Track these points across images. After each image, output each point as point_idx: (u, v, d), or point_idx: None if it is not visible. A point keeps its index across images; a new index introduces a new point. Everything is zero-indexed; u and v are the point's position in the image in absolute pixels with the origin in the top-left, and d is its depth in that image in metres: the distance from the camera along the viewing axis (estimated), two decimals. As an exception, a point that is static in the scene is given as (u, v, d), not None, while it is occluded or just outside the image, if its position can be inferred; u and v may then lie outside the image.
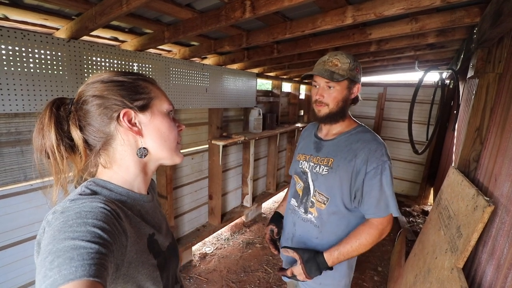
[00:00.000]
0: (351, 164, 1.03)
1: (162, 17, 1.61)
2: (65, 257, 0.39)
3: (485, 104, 1.59)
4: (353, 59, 1.05)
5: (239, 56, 2.43)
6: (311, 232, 1.14)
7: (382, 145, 1.04)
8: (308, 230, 1.15)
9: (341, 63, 1.02)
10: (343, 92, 1.05)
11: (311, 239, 1.14)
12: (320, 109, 1.09)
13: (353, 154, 1.03)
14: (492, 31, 1.23)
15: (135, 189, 0.63)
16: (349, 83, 1.05)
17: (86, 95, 0.57)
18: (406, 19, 1.61)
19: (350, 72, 1.03)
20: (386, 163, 1.00)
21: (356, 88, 1.08)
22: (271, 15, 1.56)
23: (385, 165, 1.00)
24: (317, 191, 1.11)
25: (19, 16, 1.43)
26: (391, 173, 1.01)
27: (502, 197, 1.11)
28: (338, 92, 1.05)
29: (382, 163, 1.00)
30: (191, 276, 2.52)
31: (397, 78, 4.78)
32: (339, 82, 1.03)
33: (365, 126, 1.14)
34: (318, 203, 1.11)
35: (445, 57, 2.80)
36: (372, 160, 1.00)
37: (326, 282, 1.13)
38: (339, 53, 1.06)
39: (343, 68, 1.02)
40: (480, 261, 1.20)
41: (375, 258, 2.92)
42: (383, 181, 0.99)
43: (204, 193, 3.04)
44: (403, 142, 4.48)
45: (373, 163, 1.00)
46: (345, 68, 1.02)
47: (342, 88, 1.05)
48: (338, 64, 1.03)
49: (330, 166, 1.07)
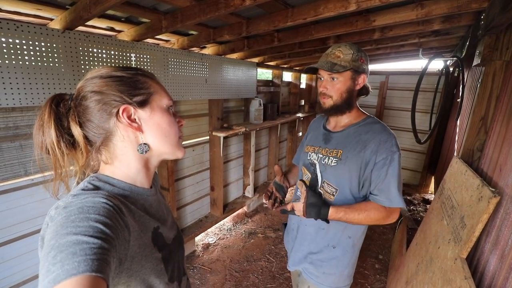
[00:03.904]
0: (360, 155, 1.03)
1: (159, 5, 1.55)
2: (68, 252, 0.39)
3: (491, 92, 1.56)
4: (357, 50, 1.04)
5: (239, 45, 2.38)
6: (319, 222, 1.13)
7: (392, 136, 1.04)
8: (313, 223, 1.15)
9: (344, 54, 1.02)
10: (346, 83, 1.05)
11: (317, 229, 1.15)
12: (325, 101, 1.09)
13: (363, 145, 1.03)
14: (502, 17, 1.19)
15: (137, 183, 0.63)
16: (352, 73, 1.04)
17: (85, 91, 0.57)
18: (412, 5, 1.56)
19: (353, 63, 1.02)
20: (396, 154, 1.00)
21: (361, 78, 1.06)
22: (272, 2, 1.51)
23: (394, 156, 1.00)
24: (326, 182, 1.11)
25: (11, 6, 1.38)
26: (399, 163, 1.01)
27: (507, 188, 1.10)
28: (341, 84, 1.04)
29: (391, 154, 1.00)
30: (195, 266, 2.56)
31: (399, 66, 4.71)
32: (341, 73, 1.03)
33: (374, 117, 1.13)
34: (327, 194, 1.11)
35: (450, 44, 2.74)
36: (382, 151, 1.00)
37: (329, 271, 1.14)
38: (343, 44, 1.05)
39: (345, 59, 1.02)
40: (483, 251, 1.20)
41: (376, 246, 2.96)
42: (389, 171, 0.99)
43: (206, 184, 3.04)
44: (404, 131, 4.46)
45: (383, 153, 1.00)
46: (348, 59, 1.02)
47: (345, 79, 1.04)
48: (341, 55, 1.03)
49: (339, 158, 1.07)
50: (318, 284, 1.16)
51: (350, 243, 1.13)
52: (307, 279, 1.18)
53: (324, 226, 1.13)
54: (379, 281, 2.43)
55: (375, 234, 3.19)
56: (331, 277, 1.15)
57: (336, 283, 1.16)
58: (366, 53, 1.08)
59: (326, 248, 1.14)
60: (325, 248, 1.14)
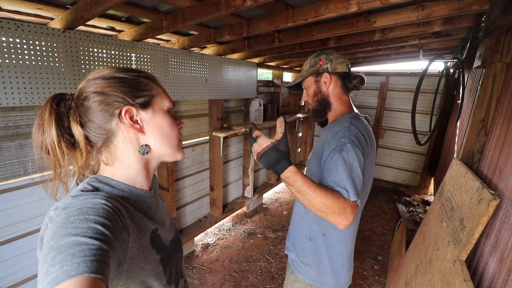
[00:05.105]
0: (321, 147, 1.05)
1: (160, 5, 1.55)
2: (67, 253, 0.39)
3: (491, 94, 1.56)
4: (316, 56, 1.12)
5: (240, 46, 2.38)
6: (300, 211, 1.19)
7: (346, 128, 0.97)
8: (299, 210, 1.20)
9: (305, 65, 1.16)
10: (312, 88, 1.14)
11: (299, 218, 1.20)
12: (309, 109, 1.21)
13: (326, 138, 1.04)
14: (503, 19, 1.19)
15: (137, 185, 0.63)
16: (314, 77, 1.12)
17: (87, 91, 0.57)
18: (413, 7, 1.56)
19: (311, 69, 1.12)
20: (345, 145, 0.91)
21: (324, 76, 1.09)
22: (273, 3, 1.51)
23: (343, 147, 0.91)
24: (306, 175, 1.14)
25: (12, 5, 1.38)
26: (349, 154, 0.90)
27: (507, 190, 1.10)
28: (309, 90, 1.15)
29: (340, 144, 0.92)
30: (194, 266, 2.56)
31: (399, 67, 4.70)
32: (305, 81, 1.16)
33: (351, 113, 1.09)
34: None
35: (450, 46, 2.74)
36: (332, 142, 0.95)
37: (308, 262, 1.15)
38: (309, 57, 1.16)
39: (305, 69, 1.14)
40: (483, 253, 1.20)
41: (375, 247, 2.96)
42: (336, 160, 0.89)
43: (206, 184, 3.04)
44: (404, 132, 4.46)
45: (333, 144, 0.94)
46: (306, 68, 1.14)
47: (309, 84, 1.15)
48: (304, 67, 1.16)
49: (313, 152, 1.15)
50: (297, 272, 1.18)
51: (324, 241, 1.09)
52: (291, 265, 1.23)
53: (304, 214, 1.15)
54: (378, 282, 2.43)
55: (375, 235, 3.20)
56: (308, 267, 1.14)
57: (313, 276, 1.12)
58: (331, 51, 1.11)
59: (305, 238, 1.15)
60: (304, 237, 1.16)
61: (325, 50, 1.14)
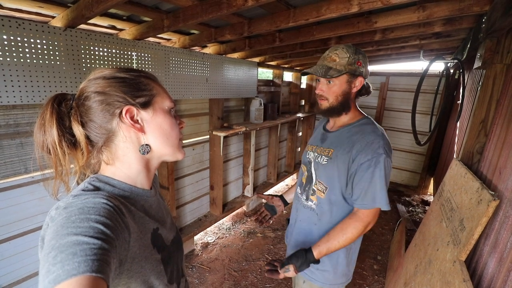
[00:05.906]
0: (348, 155, 1.03)
1: (161, 4, 1.55)
2: (68, 253, 0.39)
3: (491, 95, 1.56)
4: (354, 52, 1.03)
5: (240, 45, 2.38)
6: (311, 218, 1.17)
7: (380, 138, 1.01)
8: (309, 217, 1.18)
9: (340, 58, 1.03)
10: (342, 87, 1.06)
11: (310, 225, 1.18)
12: (321, 103, 1.11)
13: (351, 145, 1.03)
14: (503, 21, 1.19)
15: (138, 184, 0.63)
16: (349, 77, 1.05)
17: (88, 91, 0.57)
18: (413, 7, 1.56)
19: (349, 67, 1.02)
20: (382, 156, 0.97)
21: (358, 81, 1.07)
22: (274, 3, 1.51)
23: (379, 158, 0.97)
24: (318, 180, 1.13)
25: (13, 3, 1.38)
26: (385, 167, 0.98)
27: (507, 191, 1.11)
28: (337, 87, 1.06)
29: (377, 156, 0.98)
30: (194, 265, 2.56)
31: (400, 68, 4.71)
32: (336, 77, 1.04)
33: (369, 118, 1.13)
34: (319, 192, 1.13)
35: (450, 46, 2.74)
36: (367, 151, 0.99)
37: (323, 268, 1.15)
38: (340, 47, 1.05)
39: (341, 63, 1.02)
40: (482, 254, 1.21)
41: (375, 247, 2.96)
42: (375, 174, 0.97)
43: (206, 183, 3.04)
44: (404, 132, 4.46)
45: (368, 154, 0.98)
46: (343, 63, 1.02)
47: (341, 82, 1.05)
48: (336, 59, 1.03)
49: (329, 156, 1.09)
50: (312, 280, 1.17)
51: None
52: (302, 275, 1.20)
53: (316, 221, 1.15)
54: (377, 282, 2.44)
55: (374, 235, 3.20)
56: (325, 273, 1.15)
57: (330, 280, 1.15)
58: (365, 54, 1.07)
59: None
60: None
61: (358, 48, 1.06)
